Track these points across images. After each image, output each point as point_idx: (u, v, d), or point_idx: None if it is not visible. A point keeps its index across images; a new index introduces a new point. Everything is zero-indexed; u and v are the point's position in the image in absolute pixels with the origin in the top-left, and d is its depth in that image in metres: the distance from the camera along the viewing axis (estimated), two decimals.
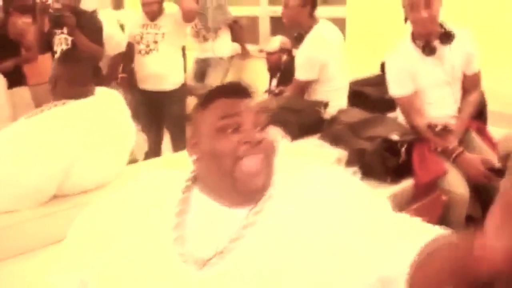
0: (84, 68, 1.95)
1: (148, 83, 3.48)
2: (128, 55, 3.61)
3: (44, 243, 1.57)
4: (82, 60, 2.03)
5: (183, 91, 3.59)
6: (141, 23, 3.41)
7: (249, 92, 0.95)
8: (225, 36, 4.57)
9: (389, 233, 0.88)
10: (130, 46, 3.54)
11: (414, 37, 2.21)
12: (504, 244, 0.59)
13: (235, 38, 4.71)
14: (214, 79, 4.45)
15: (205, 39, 4.48)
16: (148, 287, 0.85)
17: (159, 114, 3.58)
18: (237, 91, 0.94)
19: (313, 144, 2.23)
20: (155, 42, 3.34)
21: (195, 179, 0.96)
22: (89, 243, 0.94)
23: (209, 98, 0.94)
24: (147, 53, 3.38)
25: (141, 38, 3.39)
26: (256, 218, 0.88)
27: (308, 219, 0.87)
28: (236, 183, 0.88)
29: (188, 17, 3.33)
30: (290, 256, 0.84)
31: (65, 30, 3.08)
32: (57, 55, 3.16)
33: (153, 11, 3.34)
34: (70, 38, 3.10)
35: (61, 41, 3.15)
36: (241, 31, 4.72)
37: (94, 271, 0.92)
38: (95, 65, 3.04)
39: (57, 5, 2.99)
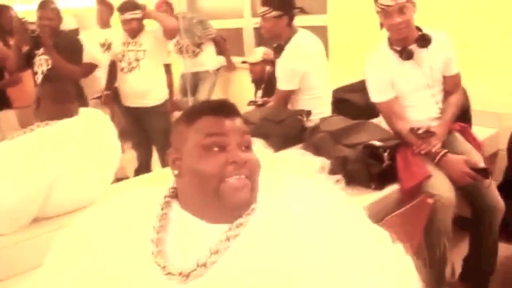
0: (67, 87, 1.95)
1: (132, 100, 3.51)
2: (111, 73, 3.62)
3: (26, 268, 1.53)
4: (65, 79, 2.04)
5: (167, 106, 3.61)
6: (122, 41, 3.44)
7: (235, 111, 0.97)
8: (209, 49, 4.60)
9: (365, 248, 0.93)
10: (113, 64, 3.56)
11: (391, 43, 2.22)
12: None
13: (219, 51, 4.72)
14: (203, 93, 4.47)
15: (194, 54, 4.50)
16: None
17: (145, 130, 3.59)
18: (223, 109, 0.95)
19: (296, 154, 2.22)
20: (137, 59, 3.37)
21: (174, 195, 0.97)
22: (69, 264, 0.93)
23: (194, 114, 0.95)
24: (129, 70, 3.40)
25: (123, 56, 3.42)
26: (239, 231, 0.88)
27: (290, 232, 0.89)
28: (221, 200, 0.89)
29: (169, 34, 3.37)
30: (272, 269, 0.84)
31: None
32: (38, 76, 3.19)
33: (133, 29, 3.37)
34: (50, 60, 3.11)
35: (41, 62, 3.15)
36: (224, 44, 4.74)
37: None
38: (75, 84, 3.06)
39: (34, 26, 3.01)
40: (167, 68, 3.91)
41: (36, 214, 1.74)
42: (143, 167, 3.69)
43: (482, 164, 2.11)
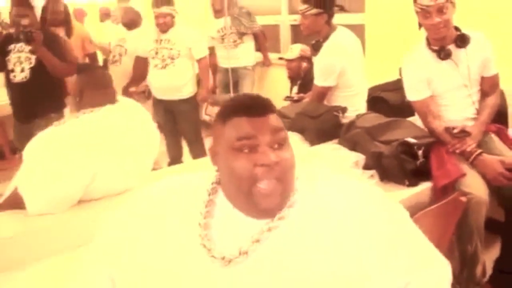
0: (105, 72, 2.05)
1: (166, 94, 3.64)
2: (139, 69, 3.74)
3: (70, 245, 1.63)
4: (101, 66, 2.12)
5: (196, 99, 3.74)
6: (154, 38, 3.55)
7: (267, 107, 0.95)
8: (249, 44, 4.66)
9: (404, 254, 0.95)
10: (144, 60, 3.67)
11: (429, 42, 2.24)
12: None
13: (258, 48, 4.78)
14: (246, 92, 4.56)
15: (235, 44, 4.56)
16: (178, 282, 0.91)
17: (175, 123, 3.73)
18: (255, 108, 0.94)
19: (332, 148, 2.27)
20: (171, 58, 3.50)
21: (219, 182, 1.00)
22: (117, 242, 1.00)
23: (228, 113, 0.95)
24: (163, 67, 3.53)
25: (156, 53, 3.54)
26: (279, 223, 0.92)
27: (328, 227, 0.92)
28: (253, 203, 0.91)
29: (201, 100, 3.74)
30: (310, 261, 0.89)
31: (26, 48, 2.93)
32: (15, 74, 2.98)
33: (166, 23, 3.49)
34: (33, 57, 2.93)
35: (21, 60, 2.96)
36: (264, 40, 4.79)
37: (122, 268, 0.97)
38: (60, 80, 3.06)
39: (25, 22, 2.85)
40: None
41: (81, 197, 1.83)
42: (174, 160, 3.81)
43: None
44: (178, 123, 3.72)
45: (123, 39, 3.99)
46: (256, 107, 0.94)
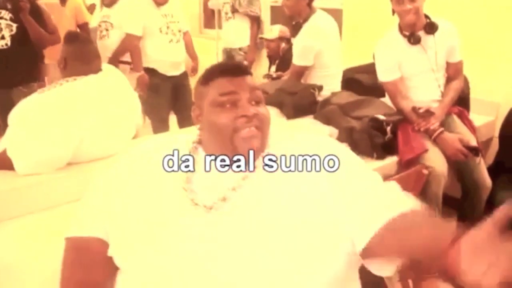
0: (91, 45, 2.08)
1: (175, 68, 3.65)
2: (140, 52, 3.60)
3: (59, 202, 1.76)
4: (88, 39, 2.15)
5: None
6: (161, 13, 3.52)
7: (244, 70, 1.09)
8: (240, 24, 4.50)
9: (371, 202, 0.99)
10: (137, 38, 3.57)
11: (401, 28, 2.41)
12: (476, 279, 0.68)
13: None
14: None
15: (226, 17, 4.50)
16: (165, 229, 0.99)
17: (172, 98, 3.74)
18: (234, 70, 1.08)
19: (307, 122, 2.43)
20: (180, 31, 3.56)
21: (200, 141, 1.12)
22: (109, 196, 1.08)
23: (210, 76, 1.08)
24: (178, 41, 3.56)
25: (167, 27, 3.53)
26: (252, 173, 1.03)
27: (298, 177, 1.03)
28: (236, 148, 1.03)
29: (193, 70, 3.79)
30: (280, 206, 1.00)
31: (6, 15, 2.98)
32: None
33: None
34: (15, 25, 3.00)
35: (1, 27, 3.00)
36: (256, 31, 4.56)
37: (114, 220, 1.05)
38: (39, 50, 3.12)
39: None
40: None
41: (69, 159, 1.93)
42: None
43: (474, 143, 2.33)
44: (180, 98, 3.72)
45: (107, 15, 3.93)
46: (236, 69, 1.09)
